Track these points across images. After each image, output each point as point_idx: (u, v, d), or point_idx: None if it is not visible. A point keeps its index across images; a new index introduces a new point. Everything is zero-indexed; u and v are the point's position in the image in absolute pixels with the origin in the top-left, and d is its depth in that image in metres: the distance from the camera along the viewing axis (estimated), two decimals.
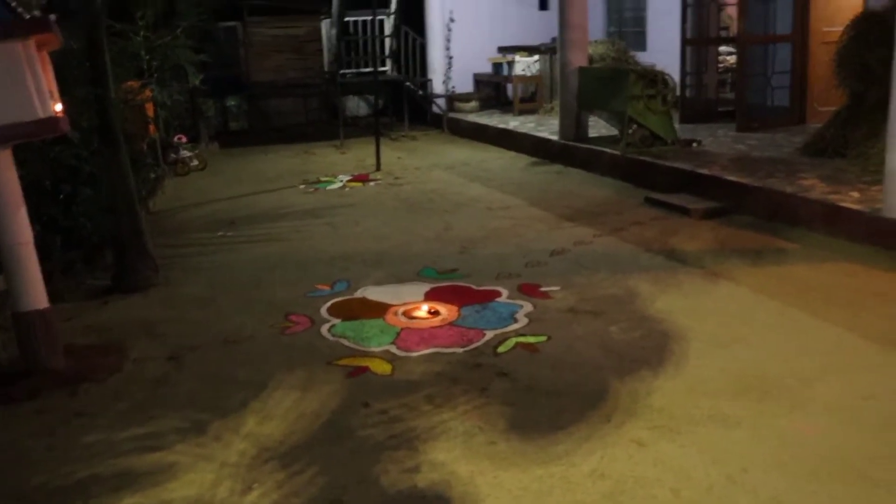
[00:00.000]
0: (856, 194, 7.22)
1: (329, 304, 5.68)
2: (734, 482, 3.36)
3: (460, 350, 4.77)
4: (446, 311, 5.42)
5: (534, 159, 11.35)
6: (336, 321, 5.33)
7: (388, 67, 15.42)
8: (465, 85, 15.58)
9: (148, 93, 9.58)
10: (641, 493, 3.30)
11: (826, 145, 9.06)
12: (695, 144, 10.13)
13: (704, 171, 8.52)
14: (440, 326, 5.16)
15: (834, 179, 7.84)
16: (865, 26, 8.68)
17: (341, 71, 14.78)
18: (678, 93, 11.59)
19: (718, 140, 10.54)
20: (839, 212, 6.91)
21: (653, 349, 4.69)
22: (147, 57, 9.74)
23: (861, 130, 8.56)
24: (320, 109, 15.50)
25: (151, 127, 9.95)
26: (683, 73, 12.35)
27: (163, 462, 3.69)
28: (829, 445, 3.64)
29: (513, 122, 13.27)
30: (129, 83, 9.02)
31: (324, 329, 5.21)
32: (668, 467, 3.48)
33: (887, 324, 4.97)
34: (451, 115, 14.76)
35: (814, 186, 7.60)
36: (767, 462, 3.51)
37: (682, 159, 9.20)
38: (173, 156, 10.85)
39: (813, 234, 6.97)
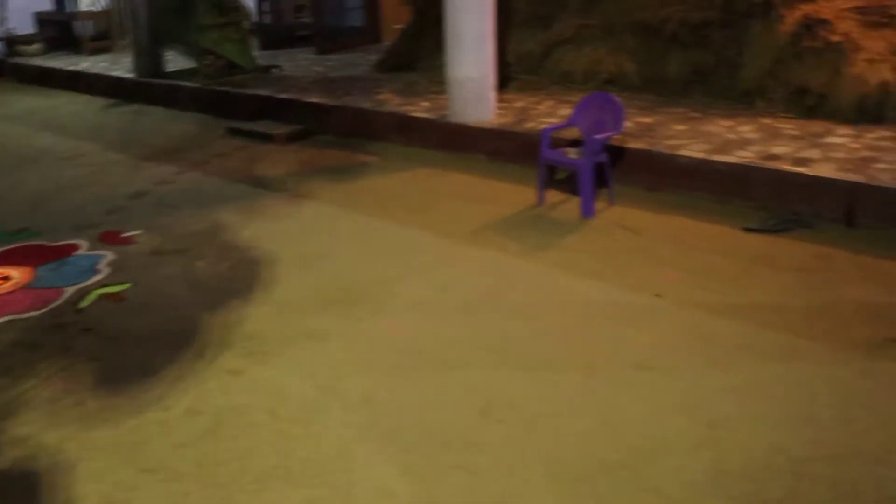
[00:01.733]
0: (426, 104, 7.66)
1: None
2: (327, 391, 3.46)
3: (37, 313, 4.42)
4: (19, 274, 4.98)
5: (110, 101, 10.69)
6: None
7: None
8: (26, 26, 14.23)
9: None
10: (240, 422, 3.29)
11: (398, 61, 9.52)
12: (274, 70, 10.13)
13: (284, 96, 8.56)
14: (12, 292, 4.73)
15: (407, 92, 8.26)
16: None
17: None
18: (255, 20, 11.47)
19: (298, 64, 10.64)
20: (412, 122, 7.30)
21: (241, 278, 4.67)
22: None
23: (427, 45, 9.05)
24: None
25: None
26: (259, 0, 12.26)
27: None
28: (411, 339, 3.88)
29: (84, 64, 12.37)
30: None
31: None
32: (263, 391, 3.50)
33: (455, 222, 5.36)
34: (13, 60, 13.43)
35: (389, 100, 7.94)
36: (357, 366, 3.66)
37: (263, 86, 9.16)
38: None
39: (391, 145, 7.32)
